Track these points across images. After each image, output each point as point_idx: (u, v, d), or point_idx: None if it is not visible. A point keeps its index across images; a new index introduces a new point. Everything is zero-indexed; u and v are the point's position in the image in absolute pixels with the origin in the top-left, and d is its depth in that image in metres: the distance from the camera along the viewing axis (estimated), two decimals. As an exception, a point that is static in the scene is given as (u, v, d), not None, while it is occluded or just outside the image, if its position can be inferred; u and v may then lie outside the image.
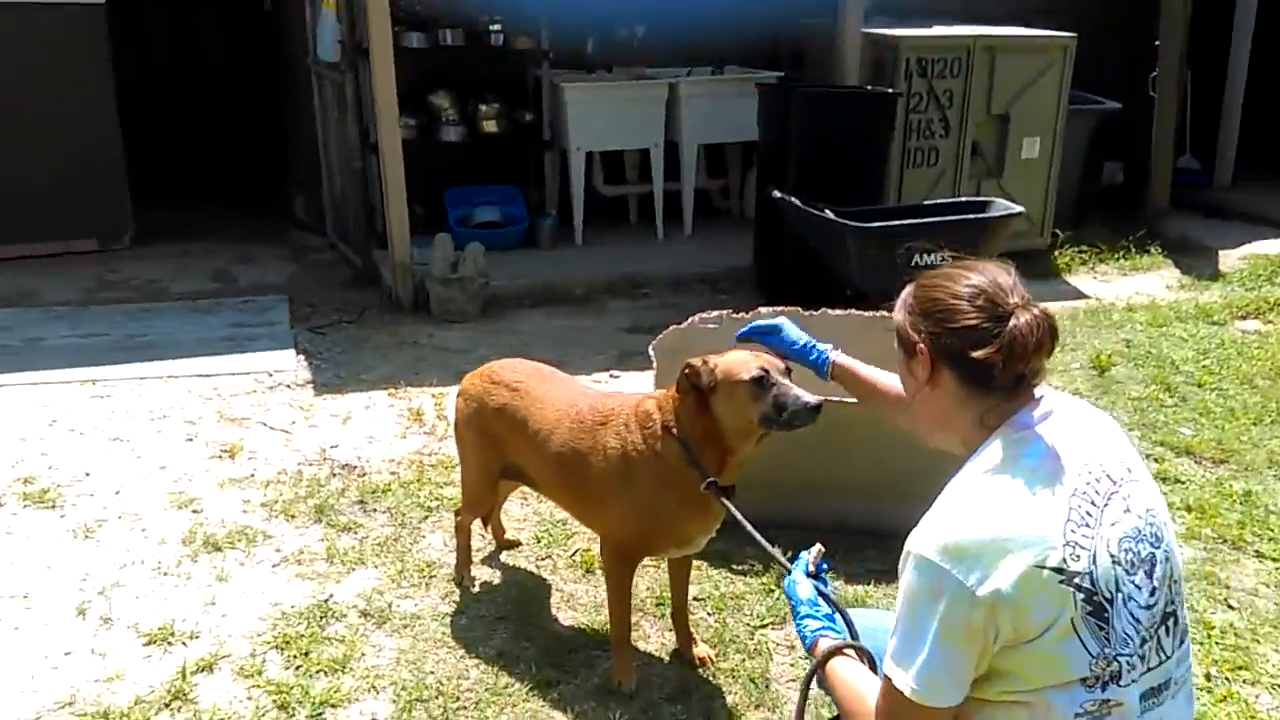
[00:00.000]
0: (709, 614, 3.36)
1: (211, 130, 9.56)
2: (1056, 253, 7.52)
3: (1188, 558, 3.70)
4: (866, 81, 6.97)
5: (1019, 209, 5.76)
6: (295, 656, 3.15)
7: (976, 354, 1.91)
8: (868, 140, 6.44)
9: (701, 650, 3.13)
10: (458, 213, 7.34)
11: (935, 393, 2.01)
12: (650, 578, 3.53)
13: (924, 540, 1.85)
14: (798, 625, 2.22)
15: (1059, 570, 1.78)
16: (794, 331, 2.79)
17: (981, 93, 7.07)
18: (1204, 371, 5.46)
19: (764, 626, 3.32)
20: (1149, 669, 1.87)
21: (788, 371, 2.73)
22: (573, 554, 3.72)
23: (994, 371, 1.92)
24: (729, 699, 2.98)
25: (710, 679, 3.06)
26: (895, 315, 2.09)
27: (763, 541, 2.60)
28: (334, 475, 4.32)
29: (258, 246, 7.72)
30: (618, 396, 3.12)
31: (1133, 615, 1.84)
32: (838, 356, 2.71)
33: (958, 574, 1.78)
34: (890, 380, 2.62)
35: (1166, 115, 7.87)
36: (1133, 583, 1.84)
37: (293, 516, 3.98)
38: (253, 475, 4.32)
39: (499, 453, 3.25)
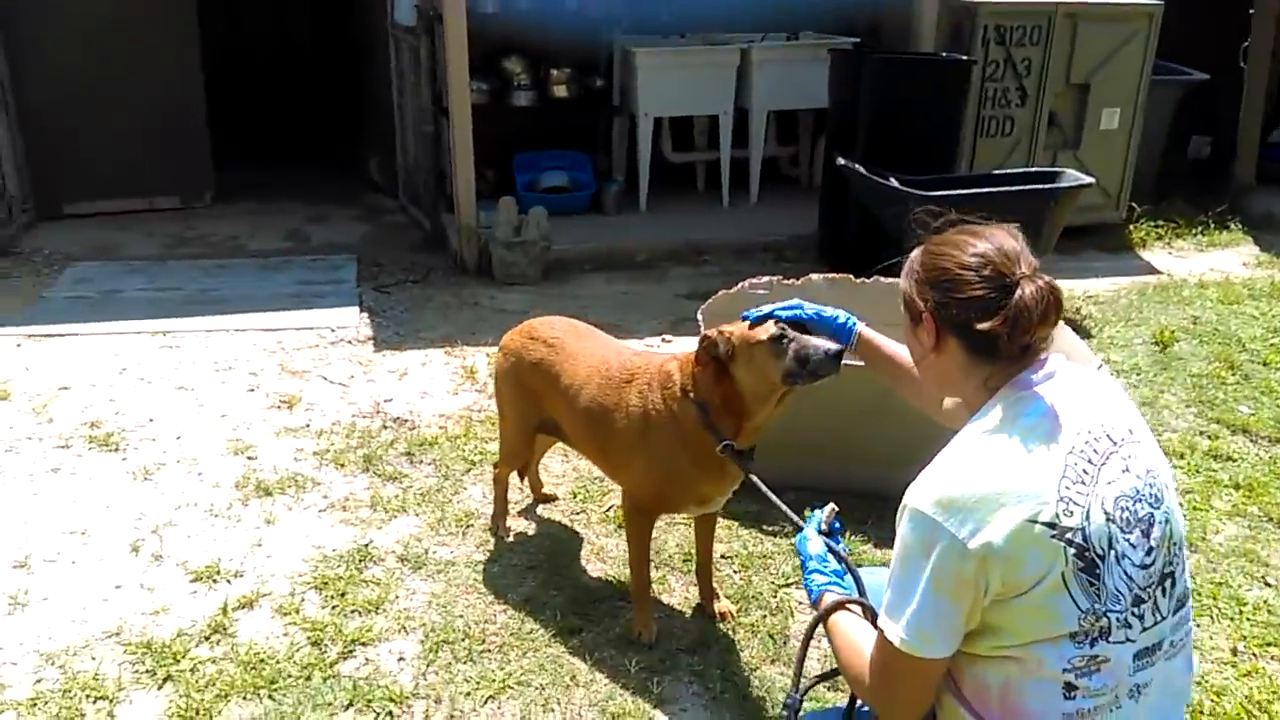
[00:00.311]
0: (735, 571, 3.39)
1: (294, 95, 9.76)
2: (1132, 227, 7.31)
3: (1230, 534, 3.62)
4: (943, 49, 6.83)
5: (1088, 180, 5.62)
6: (332, 597, 3.26)
7: (982, 326, 1.90)
8: (940, 109, 6.32)
9: (723, 605, 3.17)
10: (525, 177, 7.41)
11: (940, 358, 2.01)
12: (680, 534, 3.57)
13: (919, 494, 1.86)
14: (805, 579, 2.24)
15: (1051, 525, 1.77)
16: (814, 305, 2.77)
17: (1061, 61, 6.87)
18: (1271, 350, 5.28)
19: (788, 585, 3.34)
20: (1144, 629, 1.85)
21: (803, 327, 2.72)
22: (606, 510, 3.77)
23: (999, 342, 1.91)
24: (746, 653, 3.01)
25: (730, 633, 3.10)
26: (901, 281, 2.09)
27: (774, 498, 2.61)
28: (385, 428, 4.44)
29: (332, 207, 7.89)
30: (645, 356, 3.16)
31: (1126, 573, 1.82)
32: (864, 330, 2.69)
33: (950, 526, 1.79)
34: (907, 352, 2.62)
35: (1256, 87, 7.57)
36: (1128, 541, 1.83)
37: (342, 465, 4.10)
38: (308, 425, 4.46)
39: (535, 406, 3.31)
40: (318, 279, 6.37)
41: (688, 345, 5.29)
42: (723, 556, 3.42)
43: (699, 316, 4.24)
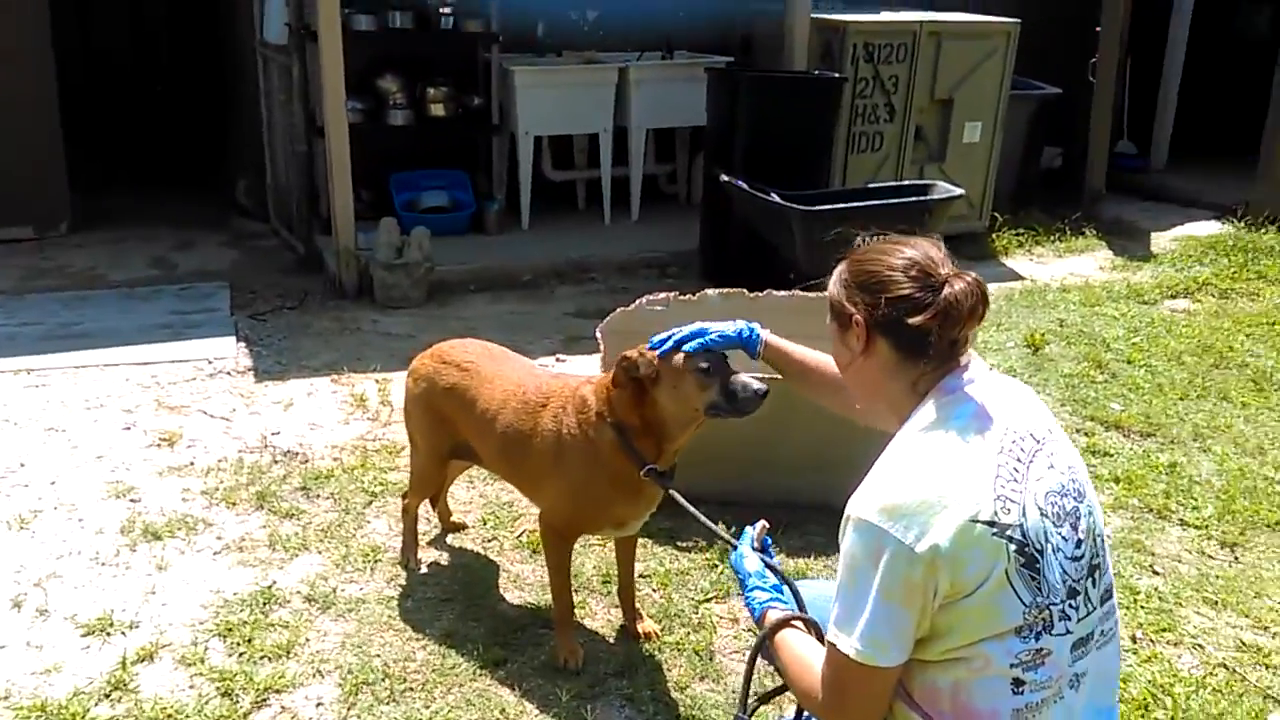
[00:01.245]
0: (654, 590, 3.37)
1: (154, 115, 9.38)
2: (994, 235, 7.62)
3: (1116, 526, 3.79)
4: (815, 67, 7.00)
5: (959, 191, 5.84)
6: (238, 644, 3.11)
7: (913, 320, 1.95)
8: (813, 125, 6.49)
9: (647, 625, 3.16)
10: (404, 197, 7.28)
11: (869, 362, 2.05)
12: (597, 556, 3.54)
13: (862, 504, 1.88)
14: (746, 597, 2.24)
15: (991, 524, 1.82)
16: (715, 325, 2.75)
17: (926, 78, 7.14)
18: (1134, 349, 5.57)
19: (708, 601, 3.34)
20: (1079, 619, 1.92)
21: (724, 357, 2.72)
22: (519, 535, 3.71)
23: (929, 338, 1.96)
24: (674, 672, 3.00)
25: (656, 653, 3.08)
26: (830, 289, 2.12)
27: (703, 519, 2.62)
28: (275, 462, 4.28)
29: (198, 233, 7.59)
30: (561, 379, 3.13)
31: (1061, 566, 1.89)
32: (769, 336, 2.71)
33: (896, 533, 1.81)
34: (822, 359, 2.65)
35: (1104, 100, 8.00)
36: (1060, 535, 1.89)
37: (234, 504, 3.93)
38: (192, 463, 4.26)
39: (448, 432, 3.24)
40: (189, 309, 6.12)
41: (582, 364, 5.33)
42: (641, 575, 3.40)
43: (598, 334, 4.23)
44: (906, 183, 6.32)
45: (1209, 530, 3.83)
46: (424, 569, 3.51)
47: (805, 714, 2.19)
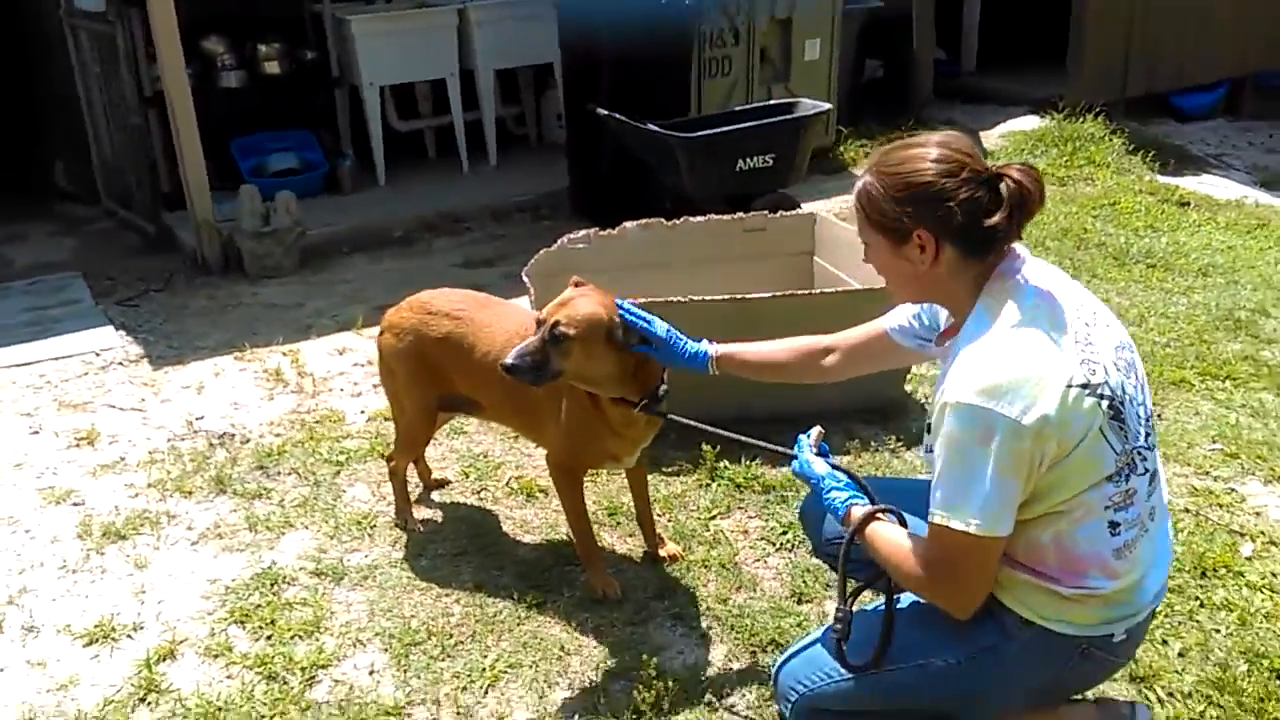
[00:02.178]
0: (659, 515, 3.44)
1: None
2: (841, 148, 7.94)
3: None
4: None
5: (828, 106, 6.10)
6: (260, 627, 3.01)
7: (990, 221, 2.05)
8: (673, 53, 6.55)
9: (670, 548, 3.24)
10: (249, 163, 6.94)
11: (934, 268, 2.11)
12: (596, 491, 3.58)
13: (961, 391, 2.00)
14: (825, 499, 2.34)
15: (1085, 385, 2.00)
16: (663, 326, 2.74)
17: (765, -1, 7.29)
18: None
19: (713, 518, 3.45)
20: (1150, 457, 2.12)
21: (553, 325, 2.66)
22: (506, 482, 3.71)
23: (998, 234, 2.08)
24: (710, 587, 3.11)
25: (685, 572, 3.17)
26: (868, 206, 2.15)
27: (729, 435, 2.71)
28: (213, 446, 4.09)
29: (22, 224, 7.01)
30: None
31: (1136, 413, 2.09)
32: (716, 349, 2.73)
33: (1002, 410, 1.95)
34: (780, 346, 2.74)
35: (926, 10, 8.40)
36: (1130, 385, 2.09)
37: (189, 493, 3.75)
38: (123, 459, 4.02)
39: (438, 383, 3.20)
40: (46, 303, 5.69)
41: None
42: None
43: (525, 278, 4.23)
44: (772, 103, 6.47)
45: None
46: (422, 528, 3.46)
47: (897, 600, 2.33)
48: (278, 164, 7.04)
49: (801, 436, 2.50)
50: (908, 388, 4.24)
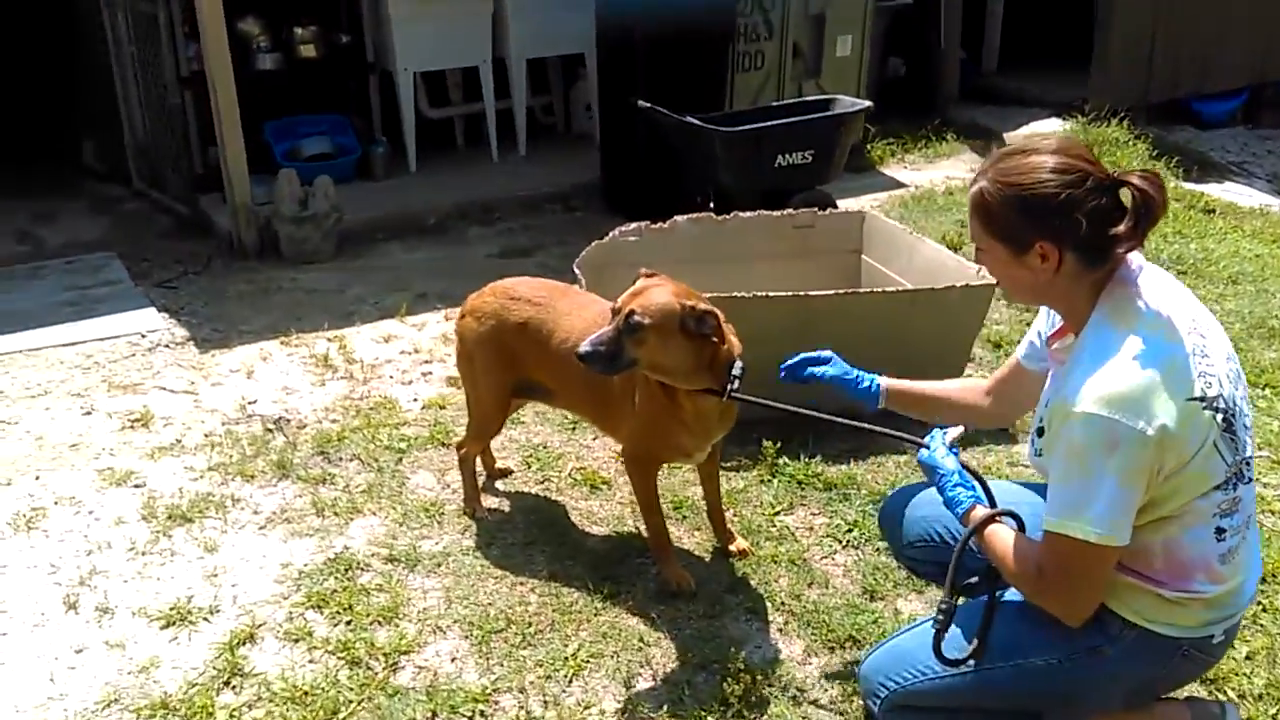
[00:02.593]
0: (735, 512, 3.48)
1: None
2: (869, 146, 7.97)
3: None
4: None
5: (867, 104, 6.10)
6: (338, 613, 3.04)
7: (1115, 230, 2.08)
8: (711, 46, 6.58)
9: (741, 543, 3.28)
10: (283, 146, 6.94)
11: (1056, 277, 2.14)
12: (661, 482, 3.60)
13: (1085, 399, 2.03)
14: (949, 494, 2.37)
15: (1202, 399, 2.03)
16: (839, 366, 2.78)
17: (799, -7, 7.31)
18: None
19: (777, 513, 3.49)
20: (1252, 466, 2.17)
21: (629, 315, 2.71)
22: (568, 473, 3.74)
23: (1120, 242, 2.11)
24: (781, 582, 3.14)
25: (755, 568, 3.21)
26: (988, 212, 2.15)
27: (839, 420, 2.72)
28: (269, 431, 4.11)
29: (55, 202, 7.01)
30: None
31: (1244, 423, 2.13)
32: (888, 382, 2.76)
33: (1127, 421, 1.98)
34: (944, 386, 2.79)
35: (954, 9, 8.43)
36: (1239, 396, 2.13)
37: (251, 477, 3.77)
38: (179, 441, 4.04)
39: (516, 370, 3.23)
40: (85, 283, 5.70)
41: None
42: (703, 500, 3.50)
43: (576, 269, 4.25)
44: (809, 99, 6.50)
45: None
46: (490, 517, 3.49)
47: (1000, 596, 2.37)
48: (311, 148, 7.04)
49: (937, 431, 2.53)
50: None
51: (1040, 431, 2.24)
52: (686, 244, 4.70)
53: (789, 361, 2.81)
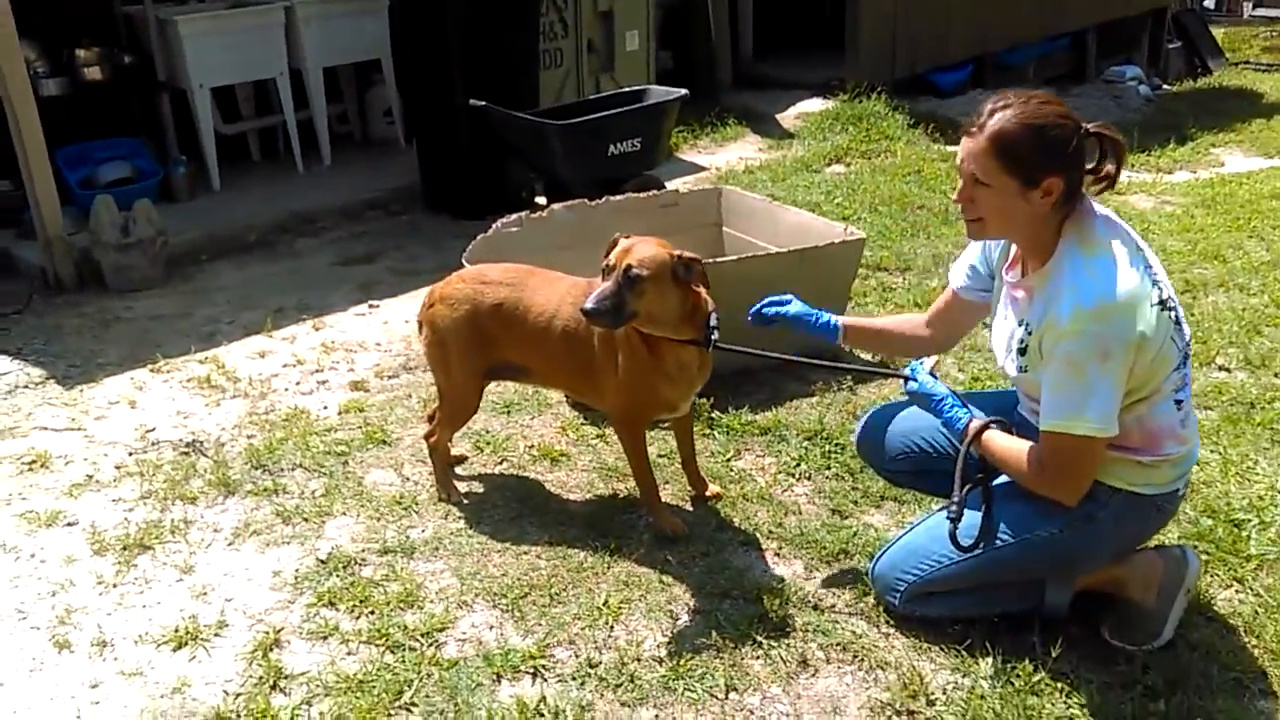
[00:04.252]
0: (679, 464, 3.71)
1: None
2: (663, 134, 8.38)
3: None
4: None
5: (684, 91, 6.48)
6: (355, 606, 3.06)
7: (1105, 170, 2.51)
8: (521, 45, 6.77)
9: (714, 488, 3.54)
10: (78, 174, 6.54)
11: (1046, 213, 2.51)
12: (617, 446, 3.82)
13: (1077, 319, 2.42)
14: (947, 415, 2.75)
15: (1162, 303, 2.49)
16: (800, 305, 3.11)
17: (589, -9, 7.63)
18: (839, 207, 6.58)
19: (729, 460, 3.78)
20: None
21: (627, 269, 2.94)
22: (529, 448, 3.87)
23: (1107, 180, 2.54)
24: (760, 516, 3.43)
25: (732, 508, 3.49)
26: (1010, 159, 2.46)
27: (824, 364, 3.07)
28: (186, 454, 3.99)
29: None
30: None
31: (1181, 314, 2.59)
32: (843, 320, 3.12)
33: (1116, 332, 2.41)
34: (892, 321, 3.18)
35: (721, 3, 9.00)
36: (1174, 293, 2.60)
37: (193, 499, 3.68)
38: (92, 477, 3.86)
39: (491, 352, 3.36)
40: (-107, 332, 5.20)
41: (398, 307, 5.34)
42: (661, 455, 3.74)
43: (465, 263, 4.37)
44: (624, 91, 6.81)
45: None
46: (466, 500, 3.58)
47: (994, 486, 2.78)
48: (109, 174, 6.66)
49: (915, 364, 2.90)
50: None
51: (1022, 351, 2.63)
52: (565, 230, 4.90)
53: (755, 307, 3.12)
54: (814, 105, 9.21)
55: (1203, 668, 2.71)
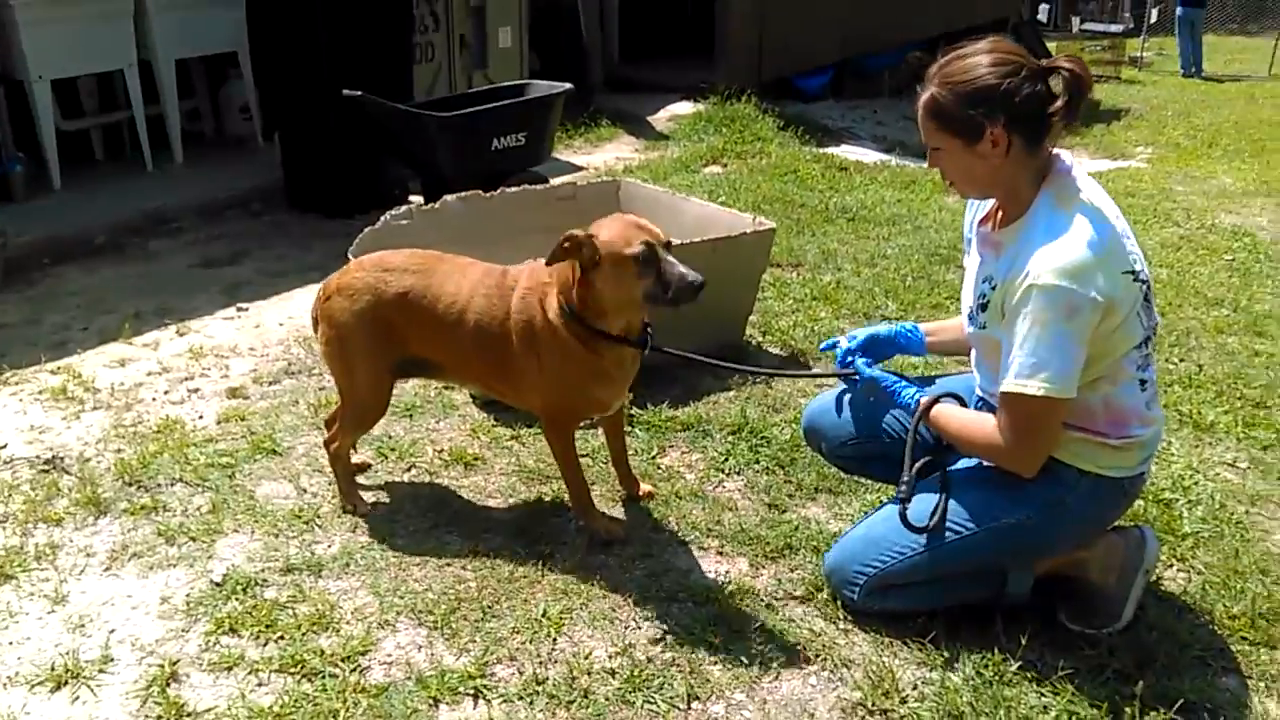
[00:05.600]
0: (605, 463, 3.51)
1: None
2: (534, 134, 8.15)
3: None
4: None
5: (566, 85, 6.29)
6: (261, 631, 2.73)
7: (1052, 109, 2.41)
8: (395, 37, 6.46)
9: (646, 486, 3.34)
10: (-102, 173, 5.90)
11: (1005, 162, 2.43)
12: (537, 447, 3.58)
13: (1045, 274, 2.34)
14: (900, 397, 2.65)
15: (1133, 273, 2.42)
16: (885, 327, 2.94)
17: (457, -15, 7.37)
18: (725, 206, 6.47)
19: (654, 457, 3.59)
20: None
21: (668, 245, 2.80)
22: (439, 453, 3.59)
23: (1053, 121, 2.42)
24: (696, 513, 3.25)
25: (664, 506, 3.29)
26: (936, 112, 2.44)
27: (754, 369, 2.90)
28: (45, 472, 3.57)
29: None
30: (523, 267, 3.08)
31: (1150, 294, 2.55)
32: (923, 326, 2.97)
33: (1082, 290, 2.33)
34: (948, 322, 3.00)
35: (591, 6, 8.85)
36: (1148, 272, 2.55)
37: (58, 521, 3.26)
38: (-66, 502, 3.40)
39: (397, 346, 3.06)
40: None
41: (270, 309, 4.97)
42: (581, 454, 3.52)
43: (351, 258, 4.09)
44: (505, 85, 6.58)
45: (909, 315, 4.86)
46: (376, 511, 3.28)
47: (949, 469, 2.67)
48: (-65, 173, 6.03)
49: (858, 361, 2.77)
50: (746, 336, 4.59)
51: (982, 307, 2.54)
52: (456, 223, 4.64)
53: (854, 345, 2.89)
54: (684, 108, 9.15)
55: (1166, 648, 2.66)
